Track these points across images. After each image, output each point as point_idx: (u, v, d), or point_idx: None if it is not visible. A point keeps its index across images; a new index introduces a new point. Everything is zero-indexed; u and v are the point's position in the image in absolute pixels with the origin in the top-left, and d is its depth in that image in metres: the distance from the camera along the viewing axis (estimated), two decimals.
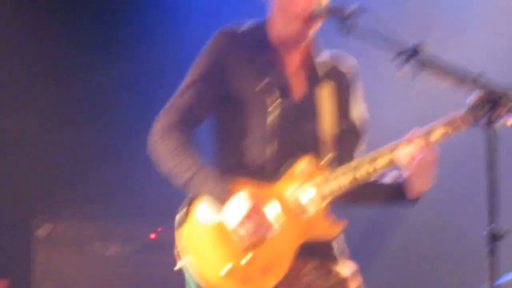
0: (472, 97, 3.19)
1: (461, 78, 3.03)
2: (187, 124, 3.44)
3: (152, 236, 6.26)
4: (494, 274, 2.83)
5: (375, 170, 3.35)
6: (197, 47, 3.58)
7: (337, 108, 3.54)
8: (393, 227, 6.77)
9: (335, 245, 3.50)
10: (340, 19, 3.25)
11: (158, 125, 3.44)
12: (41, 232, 6.04)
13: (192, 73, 3.51)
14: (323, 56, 3.60)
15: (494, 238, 2.83)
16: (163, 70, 6.38)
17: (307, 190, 3.37)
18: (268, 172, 3.40)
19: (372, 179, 3.41)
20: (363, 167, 3.35)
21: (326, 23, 3.45)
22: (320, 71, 3.56)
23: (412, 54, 3.06)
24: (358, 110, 3.63)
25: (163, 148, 3.39)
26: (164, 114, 3.46)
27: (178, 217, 3.42)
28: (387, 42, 3.11)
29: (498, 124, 3.06)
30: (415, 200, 3.46)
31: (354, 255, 3.56)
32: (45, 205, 6.26)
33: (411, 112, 5.96)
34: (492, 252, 2.83)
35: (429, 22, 6.34)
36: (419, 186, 3.39)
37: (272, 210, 3.30)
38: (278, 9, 3.52)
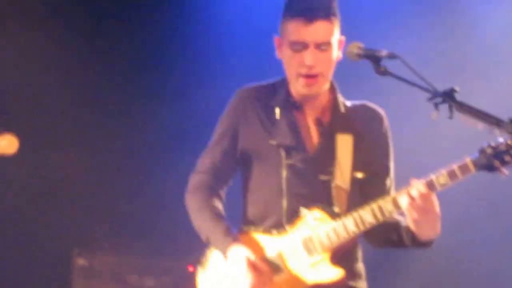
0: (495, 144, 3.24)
1: (494, 123, 3.07)
2: (215, 182, 3.73)
3: (191, 269, 6.24)
4: None
5: (378, 218, 3.42)
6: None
7: (356, 158, 3.60)
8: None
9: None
10: (374, 62, 3.33)
11: (189, 185, 3.76)
12: (80, 263, 6.11)
13: (215, 134, 3.75)
14: (347, 107, 3.68)
15: None
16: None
17: (315, 237, 3.48)
18: (285, 224, 3.55)
19: (379, 223, 3.45)
20: (368, 214, 3.42)
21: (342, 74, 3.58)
22: (339, 123, 3.64)
23: (446, 97, 3.11)
24: (383, 161, 3.68)
25: (191, 207, 3.73)
26: (195, 174, 3.76)
27: (201, 259, 3.68)
28: (421, 86, 3.18)
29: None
30: (427, 244, 3.49)
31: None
32: (85, 237, 6.33)
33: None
34: None
35: (459, 68, 6.34)
36: (424, 233, 3.42)
37: (277, 257, 3.51)
38: (285, 69, 3.64)
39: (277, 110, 3.66)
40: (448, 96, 3.13)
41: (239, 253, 3.50)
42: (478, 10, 6.47)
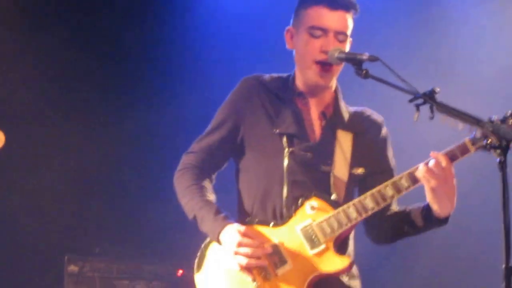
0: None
1: (474, 122, 3.09)
2: (205, 166, 3.72)
3: (180, 273, 6.36)
4: None
5: (379, 203, 3.44)
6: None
7: (355, 155, 3.63)
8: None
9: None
10: (355, 65, 3.37)
11: (180, 164, 3.74)
12: (71, 269, 6.13)
13: (214, 119, 3.74)
14: (349, 110, 3.74)
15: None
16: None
17: (316, 226, 3.49)
18: (286, 213, 3.56)
19: (382, 206, 3.46)
20: (368, 200, 3.44)
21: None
22: (341, 121, 3.68)
23: (427, 98, 3.13)
24: (384, 161, 3.71)
25: (179, 185, 3.69)
26: (186, 155, 3.75)
27: (195, 261, 3.64)
28: (402, 87, 3.20)
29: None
30: (444, 220, 3.46)
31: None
32: (77, 244, 6.37)
33: None
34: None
35: (442, 71, 6.43)
36: (442, 204, 3.39)
37: (278, 249, 3.49)
38: (297, 59, 3.70)
39: (283, 101, 3.68)
40: (429, 97, 3.15)
41: (232, 228, 3.48)
42: (454, 15, 6.57)
